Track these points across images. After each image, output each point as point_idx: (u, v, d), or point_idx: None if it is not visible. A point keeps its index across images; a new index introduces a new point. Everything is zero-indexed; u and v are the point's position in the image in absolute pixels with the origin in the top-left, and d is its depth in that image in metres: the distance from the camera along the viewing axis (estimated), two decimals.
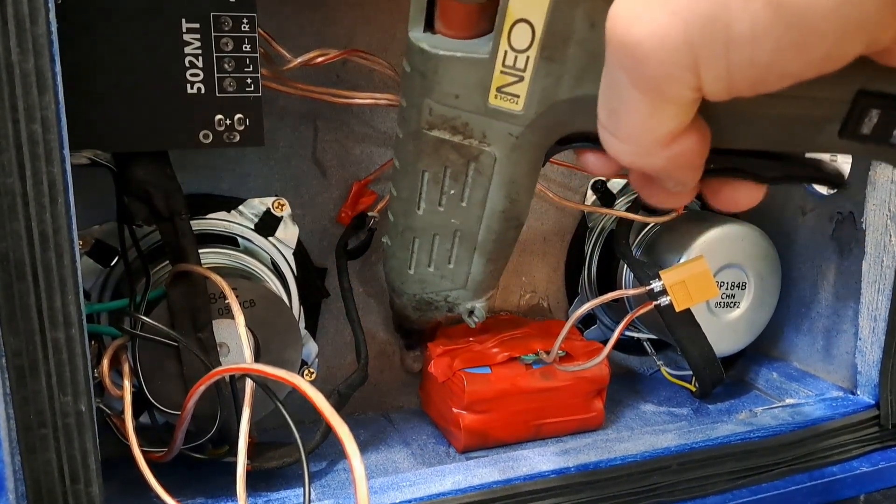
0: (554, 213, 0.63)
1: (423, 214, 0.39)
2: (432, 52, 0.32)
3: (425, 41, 0.32)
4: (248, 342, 0.41)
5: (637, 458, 0.46)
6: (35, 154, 0.30)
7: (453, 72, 0.32)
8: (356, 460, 0.29)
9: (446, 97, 0.33)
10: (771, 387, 0.63)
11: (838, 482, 0.50)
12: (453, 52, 0.32)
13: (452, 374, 0.54)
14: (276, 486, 0.45)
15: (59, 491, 0.33)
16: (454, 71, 0.32)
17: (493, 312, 0.64)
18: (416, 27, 0.32)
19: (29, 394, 0.32)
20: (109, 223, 0.48)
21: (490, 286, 0.44)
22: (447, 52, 0.32)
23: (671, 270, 0.48)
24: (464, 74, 0.32)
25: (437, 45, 0.32)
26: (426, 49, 0.32)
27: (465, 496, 0.42)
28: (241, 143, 0.42)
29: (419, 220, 0.39)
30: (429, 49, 0.32)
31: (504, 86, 0.32)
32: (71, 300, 0.32)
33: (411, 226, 0.40)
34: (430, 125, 0.34)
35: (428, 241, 0.41)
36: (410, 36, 0.32)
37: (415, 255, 0.42)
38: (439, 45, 0.32)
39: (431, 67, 0.32)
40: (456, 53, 0.32)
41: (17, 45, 0.29)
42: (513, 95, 0.32)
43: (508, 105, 0.33)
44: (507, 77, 0.32)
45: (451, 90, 0.33)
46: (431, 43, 0.32)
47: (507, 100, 0.32)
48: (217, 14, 0.40)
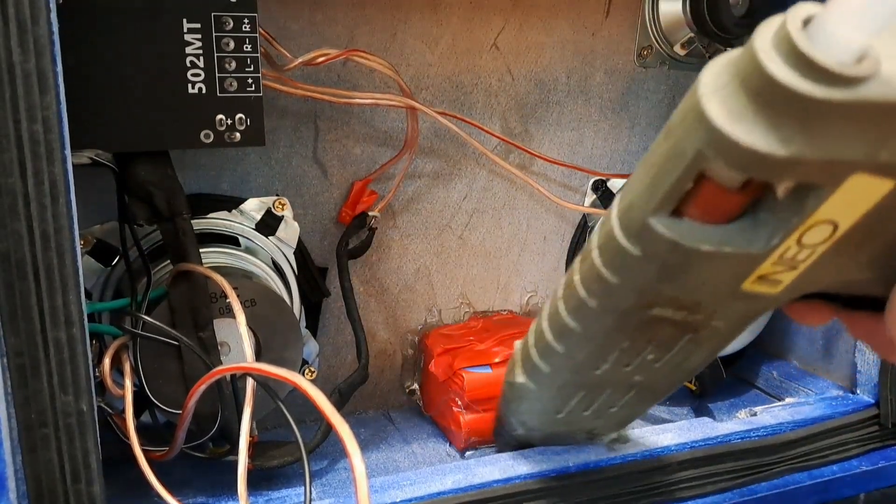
0: (554, 212, 0.63)
1: (600, 374, 0.35)
2: (690, 247, 0.25)
3: (674, 230, 0.25)
4: (248, 341, 0.41)
5: (637, 457, 0.46)
6: (36, 154, 0.30)
7: (709, 265, 0.26)
8: (357, 459, 0.29)
9: (691, 284, 0.28)
10: (771, 386, 0.63)
11: (838, 481, 0.50)
12: (718, 248, 0.25)
13: (453, 373, 0.54)
14: (276, 484, 0.46)
15: (60, 490, 0.33)
16: (710, 264, 0.26)
17: (493, 312, 0.64)
18: (660, 213, 0.25)
19: (30, 393, 0.32)
20: (111, 223, 0.48)
21: None
22: (710, 248, 0.25)
23: None
24: (721, 266, 0.26)
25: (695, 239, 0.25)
26: (680, 243, 0.25)
27: (466, 495, 0.42)
28: (242, 143, 0.42)
29: (593, 378, 0.35)
30: (685, 244, 0.25)
31: (769, 274, 0.27)
32: (72, 299, 0.32)
33: (580, 382, 0.36)
34: (651, 305, 0.30)
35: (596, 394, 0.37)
36: (652, 222, 0.25)
37: (571, 404, 0.38)
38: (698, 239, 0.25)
39: (681, 261, 0.26)
40: (722, 249, 0.25)
41: (18, 46, 0.29)
42: (776, 281, 0.27)
43: (765, 289, 0.28)
44: (778, 267, 0.26)
45: (699, 278, 0.27)
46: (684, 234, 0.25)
47: (767, 285, 0.27)
48: (218, 14, 0.40)
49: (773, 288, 0.27)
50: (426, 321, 0.62)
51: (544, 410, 0.40)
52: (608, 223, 0.28)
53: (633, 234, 0.27)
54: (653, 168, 0.25)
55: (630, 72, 0.62)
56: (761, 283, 0.27)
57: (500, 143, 0.60)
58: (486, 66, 0.58)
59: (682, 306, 0.29)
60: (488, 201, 0.61)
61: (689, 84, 0.66)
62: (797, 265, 0.26)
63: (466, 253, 0.62)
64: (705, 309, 0.29)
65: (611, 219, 0.28)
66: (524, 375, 0.38)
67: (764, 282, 0.27)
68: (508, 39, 0.58)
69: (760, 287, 0.27)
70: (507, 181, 0.61)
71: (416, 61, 0.56)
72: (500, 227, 0.62)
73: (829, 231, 0.24)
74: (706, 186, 0.24)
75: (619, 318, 0.31)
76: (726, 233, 0.25)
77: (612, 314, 0.31)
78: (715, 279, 0.27)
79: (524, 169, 0.61)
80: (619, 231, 0.27)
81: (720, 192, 0.24)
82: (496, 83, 0.59)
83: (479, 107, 0.59)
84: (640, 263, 0.27)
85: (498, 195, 0.61)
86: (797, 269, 0.26)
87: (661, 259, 0.27)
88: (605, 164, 0.64)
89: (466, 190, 0.60)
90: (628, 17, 0.61)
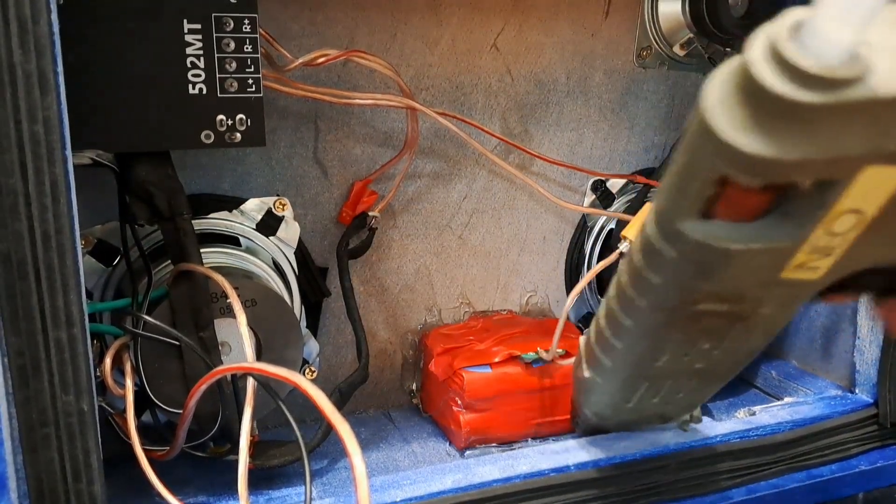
0: (554, 213, 0.63)
1: (661, 365, 0.36)
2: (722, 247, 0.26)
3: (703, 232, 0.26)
4: (249, 341, 0.41)
5: (636, 457, 0.46)
6: (37, 154, 0.30)
7: (744, 261, 0.27)
8: (357, 458, 0.29)
9: (727, 281, 0.29)
10: (770, 385, 0.63)
11: (837, 480, 0.51)
12: (747, 245, 0.26)
13: (453, 372, 0.55)
14: (277, 484, 0.46)
15: (61, 490, 0.33)
16: (744, 259, 0.27)
17: (493, 312, 0.64)
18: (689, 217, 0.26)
19: (31, 393, 0.32)
20: (111, 223, 0.48)
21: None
22: (741, 247, 0.26)
23: (630, 226, 0.49)
24: (756, 261, 0.27)
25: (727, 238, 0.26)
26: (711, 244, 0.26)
27: (466, 494, 0.43)
28: (243, 144, 0.43)
29: (654, 370, 0.36)
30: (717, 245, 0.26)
31: (806, 263, 0.27)
32: (73, 300, 0.32)
33: (642, 374, 0.37)
34: (696, 301, 0.30)
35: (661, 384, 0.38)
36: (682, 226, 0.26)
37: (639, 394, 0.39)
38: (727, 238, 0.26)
39: (717, 260, 0.27)
40: (753, 246, 0.26)
41: (19, 46, 0.29)
42: (813, 268, 0.28)
43: (804, 276, 0.28)
44: (813, 256, 0.27)
45: (735, 275, 0.28)
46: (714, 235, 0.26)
47: (805, 272, 0.28)
48: (218, 15, 0.40)
49: (813, 274, 0.28)
50: (426, 321, 0.62)
51: (613, 401, 0.41)
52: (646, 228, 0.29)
53: (668, 237, 0.28)
54: (676, 177, 0.26)
55: (629, 72, 0.62)
56: (800, 270, 0.28)
57: (499, 143, 0.60)
58: (486, 67, 0.58)
59: (726, 299, 0.30)
60: (488, 201, 0.61)
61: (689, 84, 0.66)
62: (832, 251, 0.27)
63: (466, 253, 0.62)
64: (749, 299, 0.30)
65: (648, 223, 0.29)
66: (590, 370, 0.40)
67: (802, 269, 0.28)
68: (508, 40, 0.58)
69: (800, 274, 0.28)
70: (507, 181, 0.61)
71: (416, 62, 0.56)
72: (500, 227, 0.62)
73: (855, 219, 0.25)
74: (730, 189, 0.25)
75: (668, 314, 0.32)
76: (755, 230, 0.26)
77: (661, 311, 0.32)
78: (752, 273, 0.28)
79: (524, 169, 0.61)
80: (654, 234, 0.28)
81: (744, 193, 0.25)
82: (496, 83, 0.59)
83: (478, 107, 0.59)
84: (677, 264, 0.28)
85: (498, 195, 0.61)
86: (832, 255, 0.27)
87: (696, 259, 0.28)
88: (605, 164, 0.64)
89: (466, 190, 0.60)
90: (628, 18, 0.61)
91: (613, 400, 0.41)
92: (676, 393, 0.40)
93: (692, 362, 0.36)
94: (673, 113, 0.65)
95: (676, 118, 0.65)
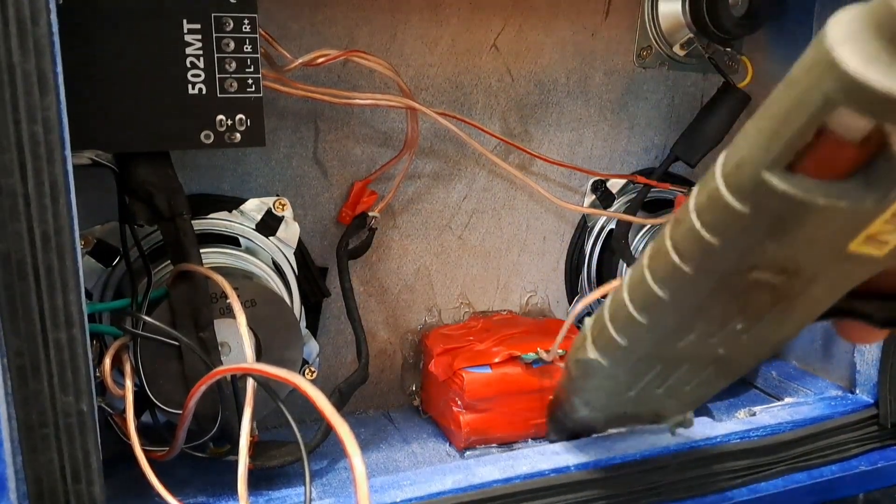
0: (554, 213, 0.63)
1: (683, 345, 0.34)
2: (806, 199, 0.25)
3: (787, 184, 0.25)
4: (249, 342, 0.41)
5: (637, 457, 0.46)
6: (36, 155, 0.30)
7: (822, 219, 0.26)
8: (357, 459, 0.29)
9: (797, 243, 0.27)
10: (770, 385, 0.63)
11: (837, 481, 0.51)
12: (835, 202, 0.25)
13: (453, 372, 0.55)
14: (277, 484, 0.46)
15: (60, 490, 0.33)
16: (822, 219, 0.26)
17: (493, 312, 0.64)
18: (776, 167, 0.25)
19: (30, 393, 0.32)
20: (111, 223, 0.48)
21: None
22: (826, 201, 0.25)
23: None
24: (834, 222, 0.26)
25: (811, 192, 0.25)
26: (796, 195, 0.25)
27: (466, 495, 0.43)
28: (243, 144, 0.43)
29: (673, 352, 0.35)
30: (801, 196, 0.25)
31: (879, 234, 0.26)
32: (72, 300, 0.32)
33: (658, 355, 0.36)
34: (752, 269, 0.29)
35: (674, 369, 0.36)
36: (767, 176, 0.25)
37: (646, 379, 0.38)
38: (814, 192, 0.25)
39: (796, 215, 0.26)
40: (839, 203, 0.25)
41: (18, 46, 0.29)
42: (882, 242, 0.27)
43: (871, 251, 0.27)
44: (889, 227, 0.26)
45: (808, 236, 0.27)
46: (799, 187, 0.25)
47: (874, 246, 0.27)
48: (218, 15, 0.40)
49: (879, 249, 0.27)
50: (426, 321, 0.62)
51: (615, 387, 0.39)
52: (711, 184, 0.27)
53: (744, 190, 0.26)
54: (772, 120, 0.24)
55: (629, 72, 0.62)
56: (868, 243, 0.27)
57: (499, 143, 0.60)
58: (486, 67, 0.58)
59: (784, 269, 0.29)
60: (488, 201, 0.61)
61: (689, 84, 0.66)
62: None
63: (466, 253, 0.62)
64: (806, 272, 0.29)
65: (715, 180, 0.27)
66: (596, 351, 0.38)
67: (871, 242, 0.27)
68: (508, 40, 0.58)
69: (867, 248, 0.27)
70: (507, 181, 0.61)
71: (416, 62, 0.56)
72: (500, 227, 0.62)
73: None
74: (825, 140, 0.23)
75: (716, 282, 0.30)
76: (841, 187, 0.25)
77: (709, 279, 0.30)
78: (823, 237, 0.27)
79: (524, 169, 0.61)
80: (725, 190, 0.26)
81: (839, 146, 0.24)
82: (496, 83, 0.59)
83: (478, 107, 0.59)
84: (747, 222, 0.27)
85: (498, 195, 0.61)
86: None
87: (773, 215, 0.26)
88: (605, 164, 0.64)
89: (466, 190, 0.60)
90: (628, 18, 0.61)
91: (616, 385, 0.39)
92: (684, 384, 0.38)
93: (716, 346, 0.34)
94: (673, 113, 0.65)
95: (676, 118, 0.65)
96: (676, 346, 0.34)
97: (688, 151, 0.61)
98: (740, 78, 0.61)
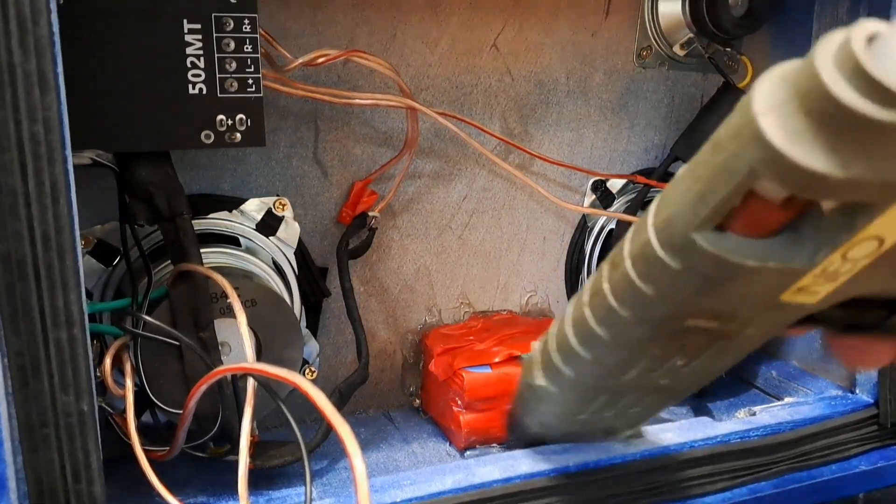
0: (554, 213, 0.63)
1: (626, 380, 0.35)
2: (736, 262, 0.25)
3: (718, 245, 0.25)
4: (249, 341, 0.41)
5: (637, 457, 0.46)
6: (37, 154, 0.30)
7: (752, 278, 0.26)
8: (357, 459, 0.29)
9: (730, 296, 0.27)
10: (770, 385, 0.63)
11: (837, 481, 0.50)
12: (764, 263, 0.25)
13: (453, 372, 0.55)
14: (277, 484, 0.46)
15: (60, 490, 0.33)
16: (752, 277, 0.26)
17: (493, 312, 0.64)
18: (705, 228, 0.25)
19: (31, 393, 0.32)
20: (111, 223, 0.48)
21: None
22: (756, 264, 0.25)
23: None
24: (762, 280, 0.26)
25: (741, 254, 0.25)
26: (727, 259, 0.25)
27: (466, 495, 0.43)
28: (243, 144, 0.43)
29: (619, 384, 0.35)
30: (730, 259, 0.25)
31: (810, 286, 0.26)
32: (73, 300, 0.32)
33: (605, 387, 0.36)
34: (687, 317, 0.29)
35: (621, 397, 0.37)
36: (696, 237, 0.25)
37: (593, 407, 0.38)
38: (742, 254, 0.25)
39: (723, 275, 0.26)
40: (768, 264, 0.25)
41: (19, 46, 0.29)
42: (814, 293, 0.27)
43: (803, 299, 0.27)
44: (819, 280, 0.26)
45: (740, 291, 0.27)
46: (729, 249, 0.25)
47: (805, 296, 0.27)
48: (218, 15, 0.40)
49: (811, 298, 0.27)
50: (426, 321, 0.62)
51: (564, 412, 0.40)
52: (643, 235, 0.27)
53: (675, 247, 0.26)
54: (699, 182, 0.25)
55: (629, 72, 0.62)
56: (800, 293, 0.27)
57: (499, 143, 0.60)
58: (486, 67, 0.58)
59: (718, 317, 0.29)
60: (488, 201, 0.61)
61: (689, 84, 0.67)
62: (837, 277, 0.26)
63: (466, 253, 0.62)
64: (741, 319, 0.29)
65: (647, 231, 0.27)
66: (545, 379, 0.38)
67: (802, 293, 0.27)
68: (508, 40, 0.58)
69: (798, 297, 0.27)
70: (507, 181, 0.61)
71: (416, 62, 0.56)
72: (500, 227, 0.62)
73: (874, 246, 0.24)
74: (753, 202, 0.23)
75: (652, 328, 0.30)
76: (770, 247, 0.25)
77: (645, 325, 0.30)
78: (755, 292, 0.27)
79: (524, 169, 0.61)
80: (657, 244, 0.27)
81: (766, 208, 0.23)
82: (496, 83, 0.59)
83: (478, 107, 0.59)
84: (679, 277, 0.27)
85: (498, 195, 0.61)
86: (836, 280, 0.26)
87: (703, 273, 0.26)
88: (605, 164, 0.64)
89: (466, 190, 0.60)
90: (628, 18, 0.61)
91: (565, 411, 0.40)
92: (632, 407, 0.39)
93: (658, 378, 0.35)
94: (673, 113, 0.65)
95: (676, 118, 0.65)
96: (620, 379, 0.35)
97: (688, 151, 0.61)
98: (740, 78, 0.61)
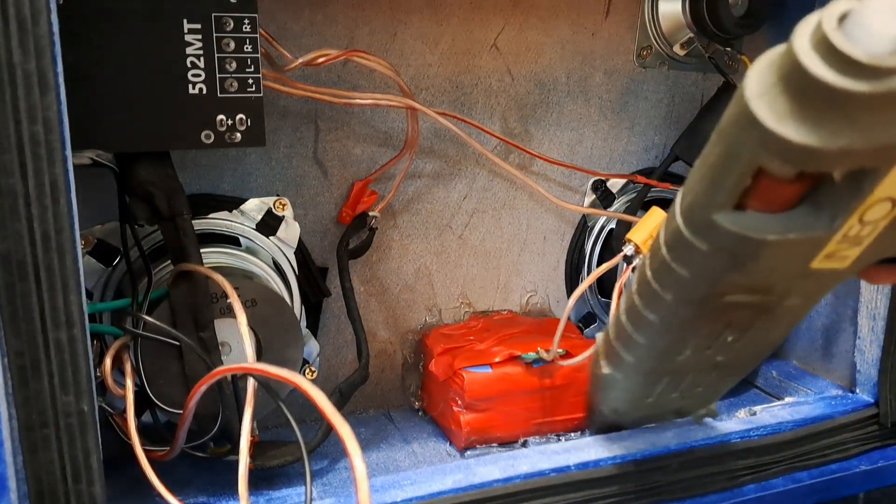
0: (554, 212, 0.63)
1: (682, 360, 0.36)
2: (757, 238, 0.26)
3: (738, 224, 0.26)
4: (249, 341, 0.41)
5: (637, 457, 0.46)
6: (37, 155, 0.30)
7: (777, 251, 0.27)
8: (357, 459, 0.29)
9: (760, 271, 0.28)
10: (770, 385, 0.63)
11: (838, 480, 0.51)
12: (784, 236, 0.26)
13: (453, 372, 0.55)
14: (277, 484, 0.46)
15: (60, 490, 0.33)
16: (777, 250, 0.27)
17: (493, 312, 0.64)
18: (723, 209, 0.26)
19: (31, 393, 0.32)
20: (111, 223, 0.48)
21: None
22: (776, 237, 0.26)
23: (635, 230, 0.50)
24: (788, 251, 0.27)
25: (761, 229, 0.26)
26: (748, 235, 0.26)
27: (466, 495, 0.43)
28: (243, 144, 0.43)
29: (677, 364, 0.36)
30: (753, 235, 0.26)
31: (836, 252, 0.28)
32: (73, 300, 0.32)
33: (664, 369, 0.37)
34: (724, 294, 0.30)
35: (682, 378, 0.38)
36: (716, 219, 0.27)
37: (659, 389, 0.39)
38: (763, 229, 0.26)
39: (751, 251, 0.27)
40: (788, 236, 0.26)
41: (18, 46, 0.29)
42: (843, 257, 0.28)
43: (834, 265, 0.28)
44: (844, 245, 0.27)
45: (768, 265, 0.28)
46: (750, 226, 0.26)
47: (835, 261, 0.28)
48: (218, 15, 0.40)
49: (841, 263, 0.28)
50: (426, 321, 0.62)
51: (633, 397, 0.41)
52: (673, 221, 0.29)
53: (699, 230, 0.28)
54: (710, 169, 0.26)
55: (629, 72, 0.62)
56: (829, 260, 0.28)
57: (499, 143, 0.60)
58: (486, 67, 0.58)
59: (755, 291, 0.30)
60: (488, 201, 0.61)
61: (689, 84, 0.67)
62: (861, 241, 0.27)
63: (466, 253, 0.62)
64: (778, 290, 0.30)
65: (675, 217, 0.29)
66: (609, 367, 0.40)
67: (832, 259, 0.28)
68: (508, 40, 0.58)
69: (829, 264, 0.28)
70: (507, 181, 0.61)
71: (416, 61, 0.56)
72: (500, 227, 0.62)
73: (888, 207, 0.25)
74: (764, 180, 0.25)
75: (695, 307, 0.32)
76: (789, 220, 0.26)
77: (688, 305, 0.32)
78: (783, 264, 0.28)
79: (524, 169, 0.61)
80: (685, 228, 0.28)
81: (778, 184, 0.25)
82: (496, 83, 0.59)
83: (478, 107, 0.59)
84: (708, 257, 0.28)
85: (498, 195, 0.61)
86: (862, 244, 0.27)
87: (730, 251, 0.28)
88: (605, 164, 0.64)
89: (466, 190, 0.60)
90: (628, 18, 0.61)
91: (633, 396, 0.41)
92: (695, 387, 0.40)
93: (714, 355, 0.36)
94: (673, 113, 0.65)
95: (676, 118, 0.65)
96: (677, 360, 0.36)
97: (688, 151, 0.61)
98: (740, 78, 0.61)
